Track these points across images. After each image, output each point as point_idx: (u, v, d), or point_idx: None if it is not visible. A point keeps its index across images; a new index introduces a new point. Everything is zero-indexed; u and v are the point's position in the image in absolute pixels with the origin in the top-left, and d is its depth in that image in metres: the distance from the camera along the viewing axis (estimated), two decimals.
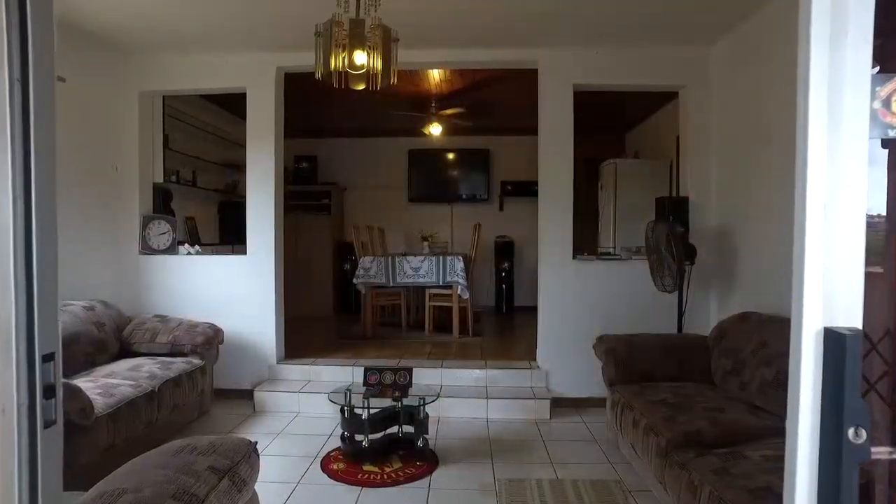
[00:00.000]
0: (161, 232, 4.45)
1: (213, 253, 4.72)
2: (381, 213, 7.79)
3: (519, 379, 4.15)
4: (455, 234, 7.81)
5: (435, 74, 5.06)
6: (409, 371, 3.26)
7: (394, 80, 2.64)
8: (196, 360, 3.73)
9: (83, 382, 2.98)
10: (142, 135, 4.37)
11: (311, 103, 6.09)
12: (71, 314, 3.51)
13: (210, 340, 3.83)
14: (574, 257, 4.13)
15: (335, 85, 2.64)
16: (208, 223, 6.06)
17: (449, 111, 5.74)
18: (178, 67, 4.27)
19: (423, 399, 3.04)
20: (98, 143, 4.16)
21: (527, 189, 7.47)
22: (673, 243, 3.57)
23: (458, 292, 5.31)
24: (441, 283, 5.35)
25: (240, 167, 6.48)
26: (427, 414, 3.09)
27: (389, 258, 5.40)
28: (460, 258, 5.31)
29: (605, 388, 3.33)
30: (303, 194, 7.29)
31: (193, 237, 5.49)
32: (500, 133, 7.57)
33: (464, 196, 7.77)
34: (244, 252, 4.33)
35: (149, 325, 3.90)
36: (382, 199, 7.85)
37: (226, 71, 4.25)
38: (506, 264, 7.40)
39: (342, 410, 3.09)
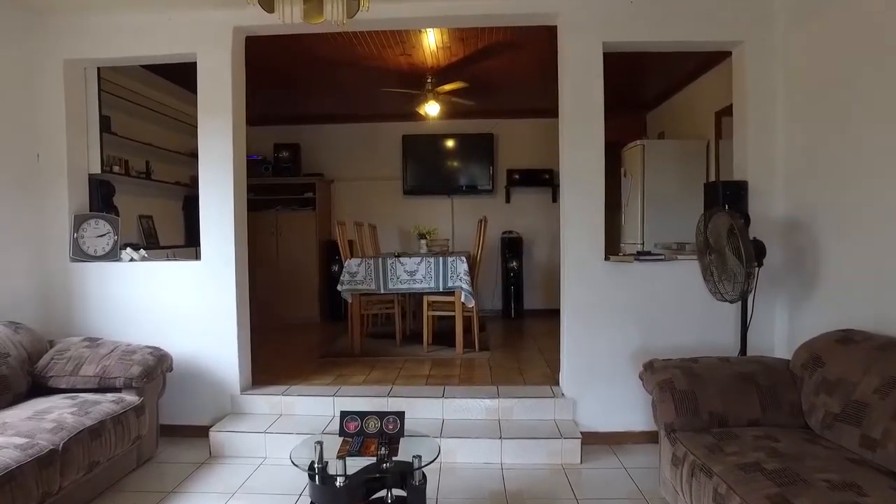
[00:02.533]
0: (99, 234, 3.63)
1: (168, 258, 3.90)
2: (373, 207, 6.97)
3: (539, 410, 3.34)
4: (456, 230, 6.99)
5: (430, 41, 4.23)
6: (400, 416, 2.44)
7: (366, 5, 1.81)
8: (130, 398, 2.92)
9: None
10: (70, 115, 3.53)
11: (291, 83, 5.28)
12: None
13: (150, 371, 3.01)
14: (606, 258, 3.31)
15: (280, 18, 1.81)
16: (171, 221, 5.25)
17: (448, 87, 4.92)
18: (108, 30, 3.44)
19: (420, 459, 2.23)
20: (12, 127, 3.34)
21: (536, 178, 6.66)
22: (741, 239, 2.75)
23: (462, 299, 4.49)
24: (441, 289, 4.54)
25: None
26: (424, 477, 2.28)
27: (380, 260, 4.59)
28: (463, 259, 4.50)
29: (660, 430, 2.52)
30: (284, 187, 6.47)
31: (150, 238, 4.68)
32: (507, 115, 6.74)
33: (465, 187, 6.94)
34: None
35: (73, 352, 3.08)
36: (374, 191, 7.02)
37: (169, 33, 3.42)
38: (514, 263, 6.58)
39: (310, 474, 2.28)
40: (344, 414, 2.48)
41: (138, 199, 4.59)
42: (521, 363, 4.25)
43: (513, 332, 5.79)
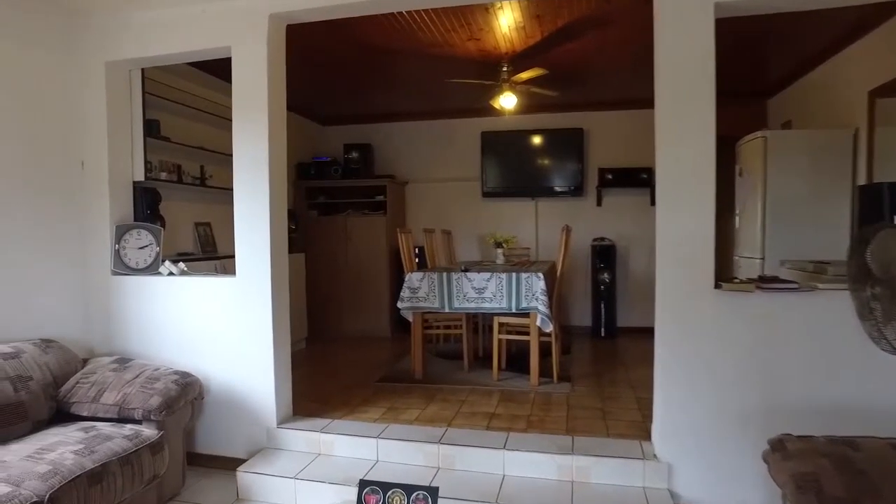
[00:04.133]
0: (141, 245, 3.40)
1: (216, 270, 3.61)
2: (448, 211, 6.47)
3: (624, 473, 2.65)
4: (541, 237, 6.31)
5: (501, 21, 3.62)
6: (432, 494, 1.90)
7: None
8: (148, 432, 2.60)
9: None
10: (112, 119, 3.33)
11: (352, 78, 4.89)
12: None
13: (170, 403, 2.68)
14: (717, 285, 2.55)
15: None
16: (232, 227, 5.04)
17: (525, 74, 4.28)
18: (144, 28, 3.18)
19: None
20: (55, 134, 3.17)
21: (632, 178, 5.84)
22: None
23: (538, 323, 3.86)
24: (514, 310, 3.93)
25: None
26: None
27: (444, 275, 4.06)
28: (540, 276, 3.85)
29: None
30: (353, 190, 6.12)
31: (207, 247, 4.47)
32: (597, 107, 5.96)
33: (551, 188, 6.23)
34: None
35: (98, 375, 2.84)
36: (451, 194, 6.51)
37: (202, 27, 3.09)
38: (605, 275, 5.80)
39: None
40: (364, 484, 1.98)
41: (194, 206, 4.39)
42: (607, 403, 3.54)
43: (601, 356, 5.04)
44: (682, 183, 2.58)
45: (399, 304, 4.14)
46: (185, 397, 2.79)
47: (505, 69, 4.37)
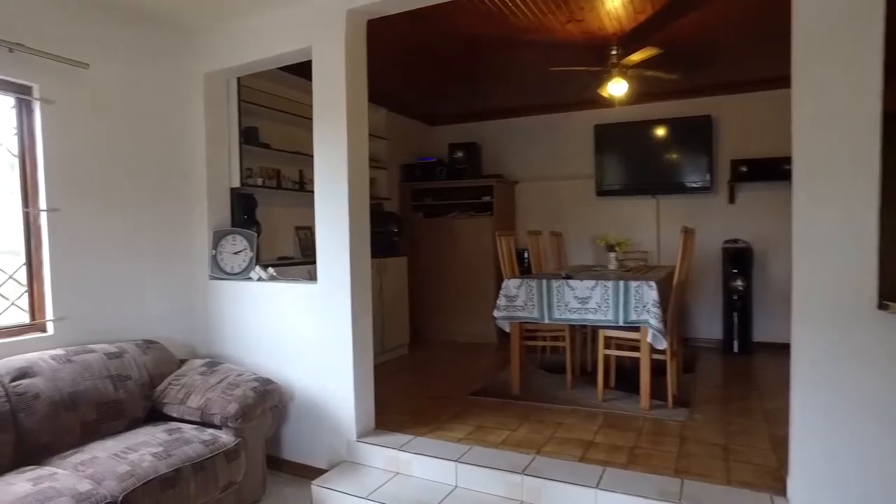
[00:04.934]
0: (236, 250, 3.47)
1: (291, 278, 3.58)
2: (561, 211, 6.06)
3: None
4: (663, 239, 5.67)
5: None
6: None
7: None
8: (225, 438, 2.59)
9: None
10: (209, 128, 3.44)
11: (455, 76, 4.71)
12: (80, 365, 2.64)
13: (246, 410, 2.65)
14: (881, 306, 1.95)
15: None
16: None
17: (636, 56, 3.79)
18: (238, 36, 3.23)
19: None
20: (161, 145, 3.33)
21: (772, 170, 5.03)
22: None
23: (649, 339, 3.37)
24: (621, 323, 3.47)
25: (373, 160, 5.46)
26: None
27: (543, 282, 3.70)
28: (652, 285, 3.36)
29: None
30: (459, 191, 5.94)
31: (308, 251, 4.51)
32: (727, 89, 5.21)
33: (676, 185, 5.57)
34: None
35: (188, 378, 2.90)
36: (562, 193, 6.08)
37: (286, 29, 3.06)
38: (739, 281, 5.05)
39: None
40: None
41: (294, 210, 4.46)
42: (732, 438, 2.97)
43: (731, 377, 4.35)
44: (831, 169, 2.03)
45: (495, 313, 3.86)
46: (263, 405, 2.75)
47: (614, 52, 3.91)
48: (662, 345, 3.33)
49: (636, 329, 3.46)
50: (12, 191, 2.76)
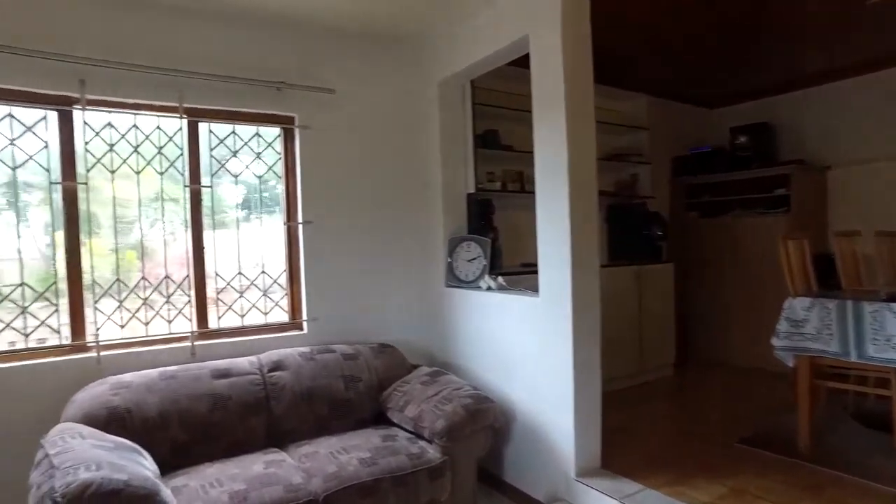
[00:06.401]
0: (470, 257, 3.42)
1: (514, 290, 3.32)
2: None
3: None
4: None
5: None
6: None
7: None
8: (432, 453, 2.52)
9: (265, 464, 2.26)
10: (444, 135, 3.46)
11: (737, 45, 3.87)
12: (320, 363, 2.92)
13: (454, 428, 2.53)
14: None
15: None
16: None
17: None
18: (464, 38, 3.16)
19: None
20: (401, 156, 3.50)
21: None
22: None
23: None
24: None
25: (633, 155, 4.87)
26: None
27: (849, 305, 2.68)
28: None
29: None
30: (741, 185, 4.87)
31: None
32: None
33: None
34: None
35: (411, 386, 2.94)
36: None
37: (505, 20, 2.85)
38: None
39: None
40: None
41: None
42: None
43: None
44: None
45: (774, 342, 2.97)
46: (473, 425, 2.59)
47: None
48: None
49: None
50: (273, 209, 3.21)
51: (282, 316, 3.20)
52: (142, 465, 2.03)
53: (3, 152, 2.51)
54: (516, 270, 3.65)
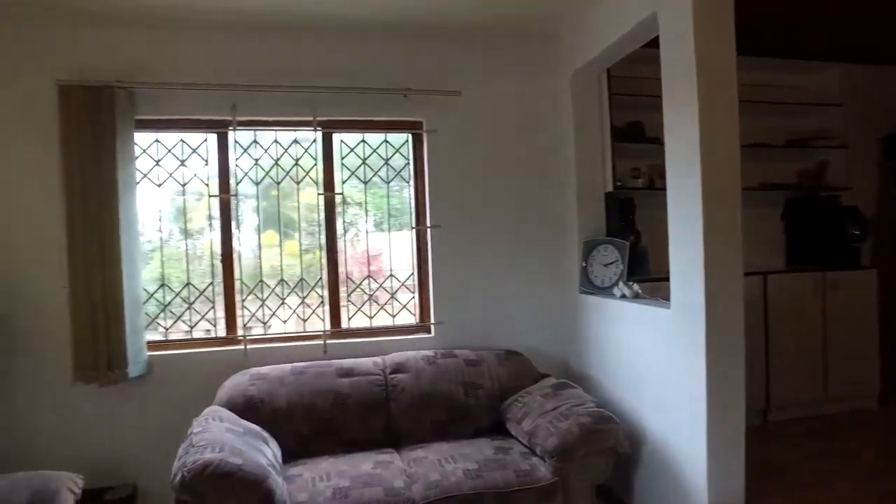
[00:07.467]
0: (607, 262, 3.15)
1: (647, 299, 2.93)
2: None
3: None
4: None
5: None
6: None
7: None
8: (542, 473, 2.36)
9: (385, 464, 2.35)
10: (578, 130, 3.24)
11: None
12: (440, 368, 2.92)
13: (566, 449, 2.34)
14: None
15: None
16: (765, 234, 4.04)
17: None
18: (593, 23, 2.92)
19: None
20: (532, 155, 3.36)
21: None
22: None
23: None
24: None
25: (819, 138, 4.08)
26: None
27: None
28: None
29: None
30: None
31: None
32: None
33: None
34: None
35: (531, 398, 2.78)
36: None
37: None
38: None
39: None
40: None
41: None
42: None
43: None
44: None
45: None
46: (588, 447, 2.37)
47: None
48: None
49: None
50: (400, 213, 3.30)
51: (410, 318, 3.28)
52: (260, 452, 2.23)
53: (176, 172, 2.96)
54: (663, 276, 3.28)
